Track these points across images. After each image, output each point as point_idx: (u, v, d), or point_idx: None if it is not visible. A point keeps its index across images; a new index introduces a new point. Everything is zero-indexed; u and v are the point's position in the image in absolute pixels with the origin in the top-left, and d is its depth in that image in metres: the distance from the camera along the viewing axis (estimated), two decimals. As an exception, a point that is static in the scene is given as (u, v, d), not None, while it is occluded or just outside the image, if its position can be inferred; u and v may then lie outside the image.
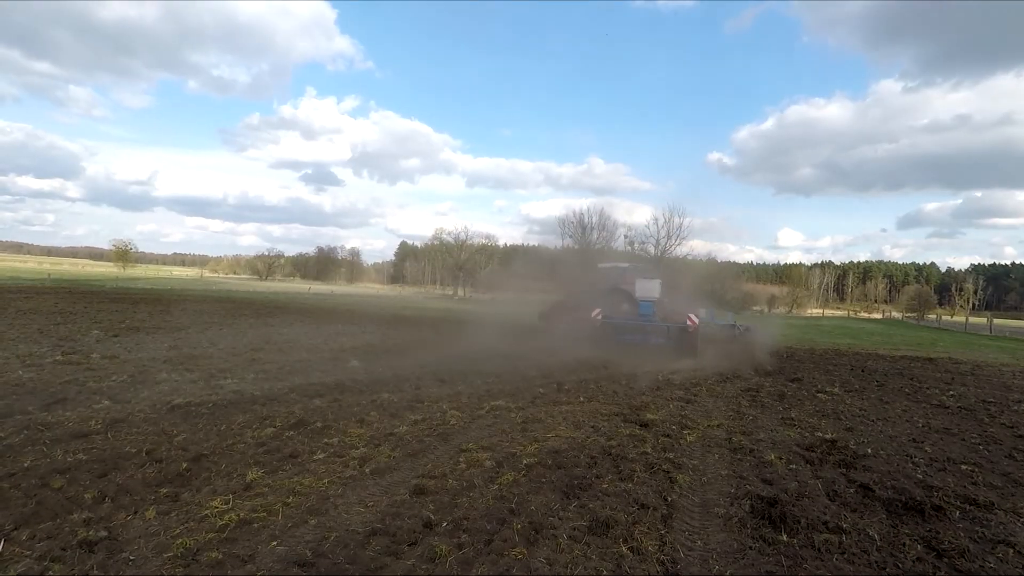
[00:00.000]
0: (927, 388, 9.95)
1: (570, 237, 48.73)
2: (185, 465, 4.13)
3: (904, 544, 3.48)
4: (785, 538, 3.46)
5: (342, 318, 19.32)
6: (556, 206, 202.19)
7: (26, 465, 3.98)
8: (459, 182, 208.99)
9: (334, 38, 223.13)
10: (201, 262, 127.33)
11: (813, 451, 5.44)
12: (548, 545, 3.22)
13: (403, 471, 4.34)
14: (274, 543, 3.09)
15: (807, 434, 6.12)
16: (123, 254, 71.94)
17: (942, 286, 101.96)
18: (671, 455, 5.06)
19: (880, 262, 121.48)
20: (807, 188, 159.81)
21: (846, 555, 3.29)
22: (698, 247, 46.27)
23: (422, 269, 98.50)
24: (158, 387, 6.72)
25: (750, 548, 3.34)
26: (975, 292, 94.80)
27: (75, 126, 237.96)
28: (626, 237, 47.91)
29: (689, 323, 13.21)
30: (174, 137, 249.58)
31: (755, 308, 52.78)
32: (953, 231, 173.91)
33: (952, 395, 9.30)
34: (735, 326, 18.11)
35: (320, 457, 4.54)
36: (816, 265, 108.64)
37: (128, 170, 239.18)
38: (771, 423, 6.64)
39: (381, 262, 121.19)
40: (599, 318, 13.24)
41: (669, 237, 45.52)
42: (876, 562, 3.24)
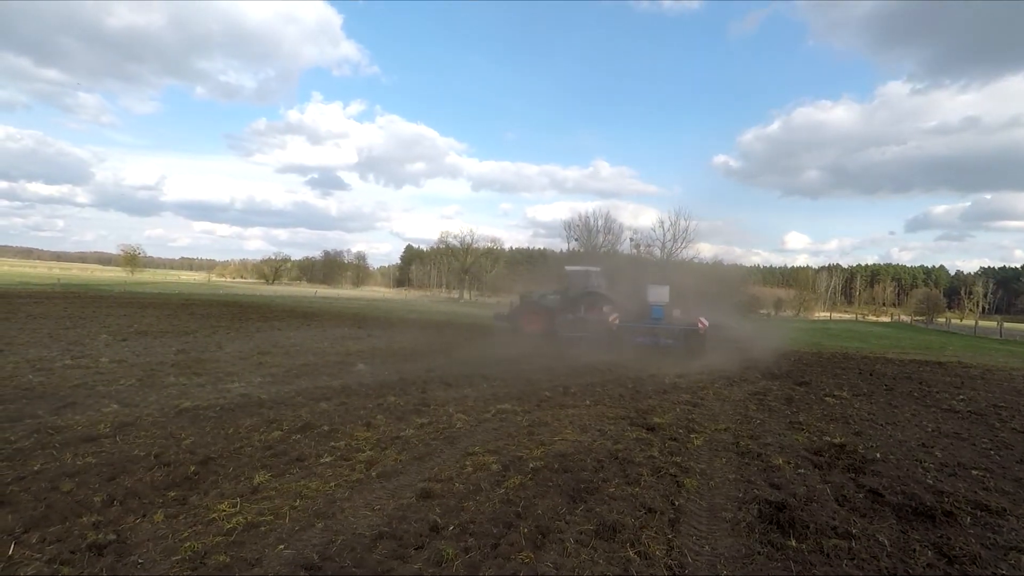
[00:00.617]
0: (937, 392, 9.86)
1: (576, 240, 48.85)
2: (193, 468, 4.15)
3: (915, 550, 3.44)
4: (794, 543, 3.44)
5: (348, 322, 19.39)
6: (562, 209, 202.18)
7: (36, 468, 4.01)
8: (465, 186, 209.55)
9: (340, 43, 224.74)
10: (208, 266, 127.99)
11: (821, 455, 5.40)
12: (555, 549, 3.21)
13: (409, 474, 4.34)
14: (281, 546, 3.10)
15: (815, 438, 6.07)
16: (131, 259, 72.64)
17: (951, 289, 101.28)
18: (678, 459, 5.04)
19: (888, 265, 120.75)
20: (814, 191, 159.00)
21: (856, 561, 3.26)
22: (704, 250, 46.16)
23: (428, 273, 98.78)
24: (166, 391, 6.76)
25: (758, 553, 3.32)
26: (985, 295, 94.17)
27: (84, 132, 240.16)
28: (632, 240, 47.93)
29: (700, 326, 13.53)
30: (181, 143, 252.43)
31: (762, 311, 52.51)
32: (962, 234, 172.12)
33: (962, 399, 9.21)
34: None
35: (327, 460, 4.55)
36: (823, 268, 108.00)
37: (136, 175, 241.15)
38: (779, 427, 6.60)
39: (387, 266, 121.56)
40: (616, 322, 13.66)
41: (675, 240, 45.57)
42: (886, 568, 3.21)
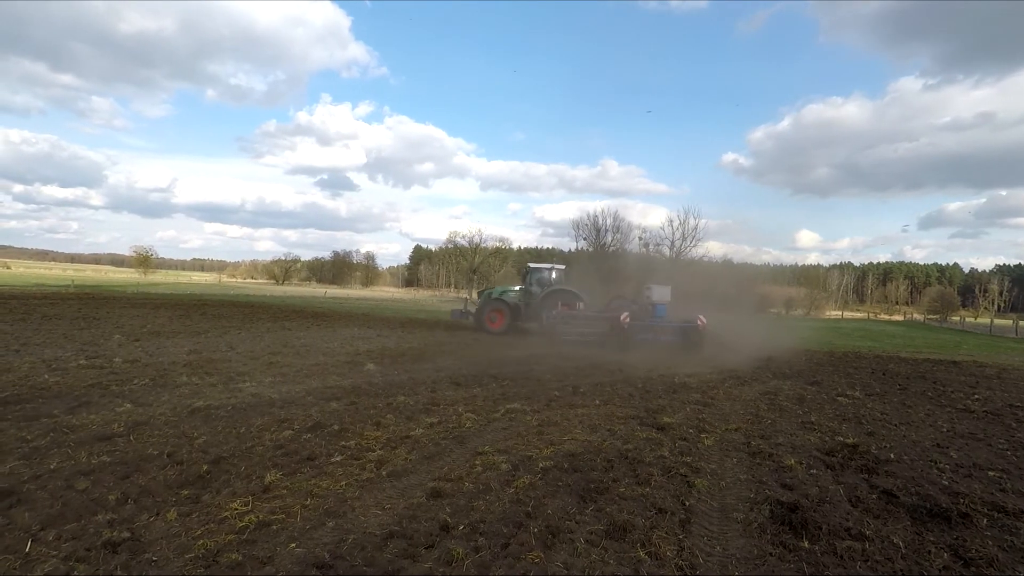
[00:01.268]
0: (951, 392, 9.73)
1: (584, 239, 48.64)
2: (205, 467, 4.19)
3: (930, 552, 3.40)
4: (806, 544, 3.41)
5: (357, 322, 19.47)
6: (570, 209, 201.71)
7: (52, 467, 4.07)
8: (473, 186, 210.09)
9: (348, 45, 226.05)
10: (219, 267, 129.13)
11: (834, 456, 5.35)
12: (565, 549, 3.21)
13: (419, 474, 4.35)
14: (293, 545, 3.12)
15: (827, 438, 6.01)
16: (144, 260, 73.38)
17: (965, 287, 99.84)
18: (688, 459, 5.01)
19: (901, 263, 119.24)
20: (824, 189, 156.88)
21: (869, 563, 3.23)
22: (714, 249, 45.77)
23: (436, 273, 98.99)
24: (178, 390, 6.83)
25: (770, 554, 3.29)
26: (1000, 293, 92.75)
27: (97, 136, 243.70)
28: (641, 239, 47.63)
29: (699, 323, 14.26)
30: (192, 145, 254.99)
31: (772, 310, 52.05)
32: (977, 231, 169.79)
33: (977, 399, 9.08)
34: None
35: (337, 459, 4.58)
36: (835, 266, 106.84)
37: (148, 178, 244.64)
38: (790, 427, 6.54)
39: (396, 266, 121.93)
40: (627, 321, 14.15)
41: (684, 239, 45.19)
42: (901, 570, 3.17)
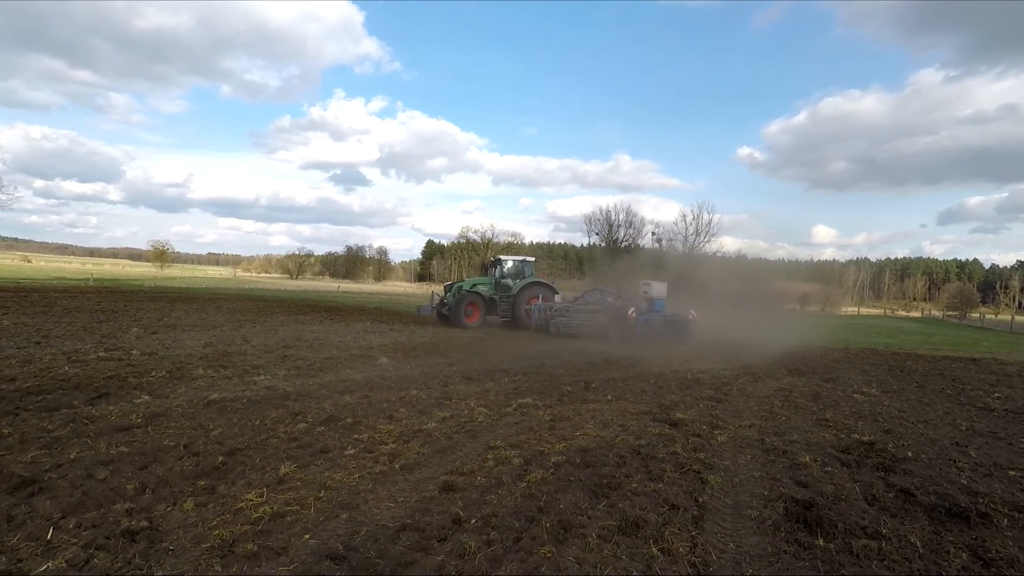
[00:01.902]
0: (970, 390, 9.56)
1: (597, 234, 48.46)
2: (221, 459, 4.25)
3: (948, 552, 3.35)
4: (821, 543, 3.37)
5: (370, 316, 19.59)
6: (582, 204, 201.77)
7: (72, 456, 4.15)
8: (485, 181, 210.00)
9: (361, 41, 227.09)
10: (234, 262, 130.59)
11: (850, 453, 5.28)
12: (577, 544, 3.20)
13: (432, 467, 4.37)
14: (307, 536, 3.15)
15: (843, 436, 5.94)
16: (160, 254, 74.34)
17: (986, 284, 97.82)
18: (702, 455, 4.98)
19: (919, 259, 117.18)
20: (841, 183, 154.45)
21: (886, 562, 3.19)
22: (728, 244, 45.36)
23: (448, 267, 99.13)
24: (195, 383, 6.92)
25: (784, 552, 3.26)
26: (1022, 290, 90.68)
27: (115, 132, 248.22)
28: (654, 234, 47.35)
29: (690, 316, 15.61)
30: (208, 141, 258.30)
31: (787, 306, 51.44)
32: (998, 226, 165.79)
33: (998, 397, 8.92)
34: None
35: (351, 452, 4.61)
36: (851, 262, 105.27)
37: (165, 173, 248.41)
38: (805, 424, 6.47)
39: (408, 261, 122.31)
40: (634, 315, 14.86)
41: (698, 234, 44.85)
42: (918, 570, 3.13)
